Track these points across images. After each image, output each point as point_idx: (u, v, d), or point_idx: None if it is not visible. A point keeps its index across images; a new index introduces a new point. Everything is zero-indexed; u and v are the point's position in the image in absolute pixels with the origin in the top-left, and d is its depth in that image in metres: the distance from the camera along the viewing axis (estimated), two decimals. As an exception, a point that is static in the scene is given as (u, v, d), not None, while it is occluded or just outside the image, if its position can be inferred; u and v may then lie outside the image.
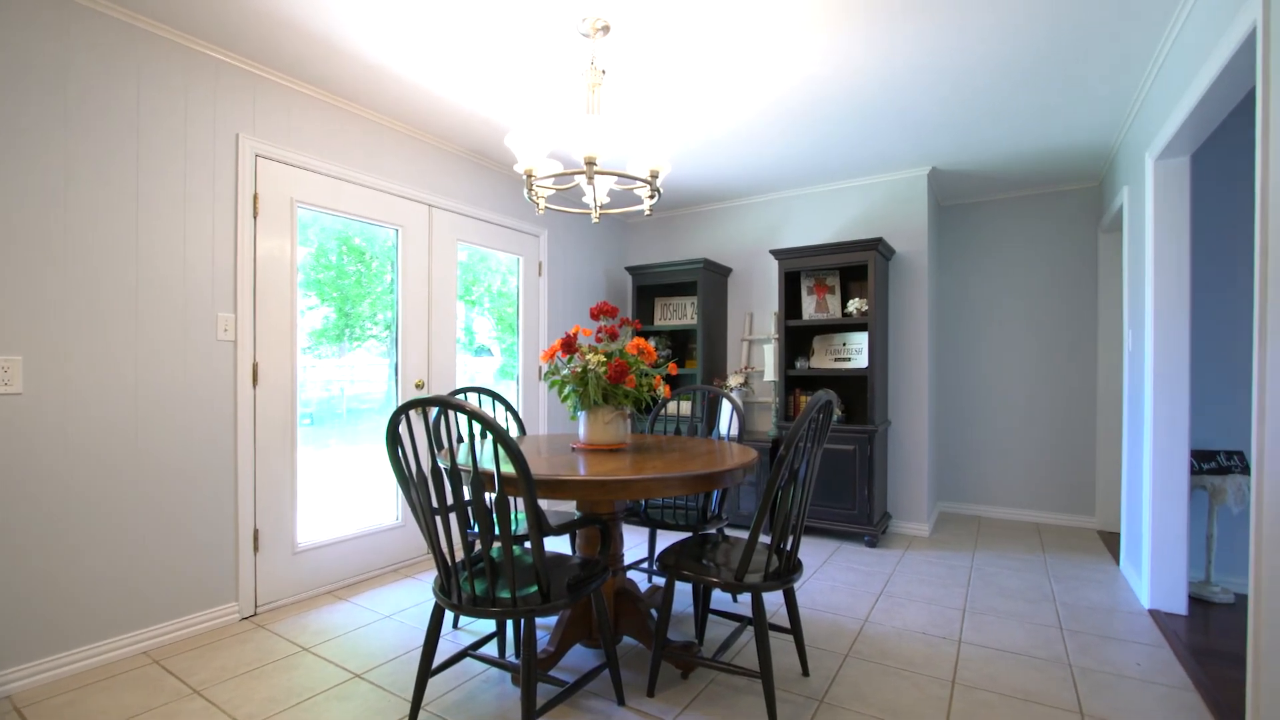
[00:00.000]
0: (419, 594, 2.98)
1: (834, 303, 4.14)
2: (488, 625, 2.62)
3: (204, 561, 2.53)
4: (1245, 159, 3.03)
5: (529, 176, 2.12)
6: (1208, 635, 2.50)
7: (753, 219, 4.74)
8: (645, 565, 3.11)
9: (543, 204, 2.25)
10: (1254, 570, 1.67)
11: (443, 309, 3.59)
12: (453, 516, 3.62)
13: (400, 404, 1.59)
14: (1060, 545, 3.84)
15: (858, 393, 4.18)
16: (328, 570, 3.00)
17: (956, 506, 4.71)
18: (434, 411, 2.78)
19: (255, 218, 2.69)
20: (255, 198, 2.69)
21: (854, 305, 3.93)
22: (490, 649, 2.39)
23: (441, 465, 1.87)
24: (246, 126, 2.65)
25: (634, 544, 3.86)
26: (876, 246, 3.76)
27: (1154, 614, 2.73)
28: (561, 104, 3.02)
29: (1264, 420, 1.64)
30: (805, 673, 2.20)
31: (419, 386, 3.43)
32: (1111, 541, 3.92)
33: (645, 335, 4.90)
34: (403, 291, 3.37)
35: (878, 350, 3.85)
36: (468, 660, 2.28)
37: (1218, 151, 3.09)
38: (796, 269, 4.07)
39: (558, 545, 3.78)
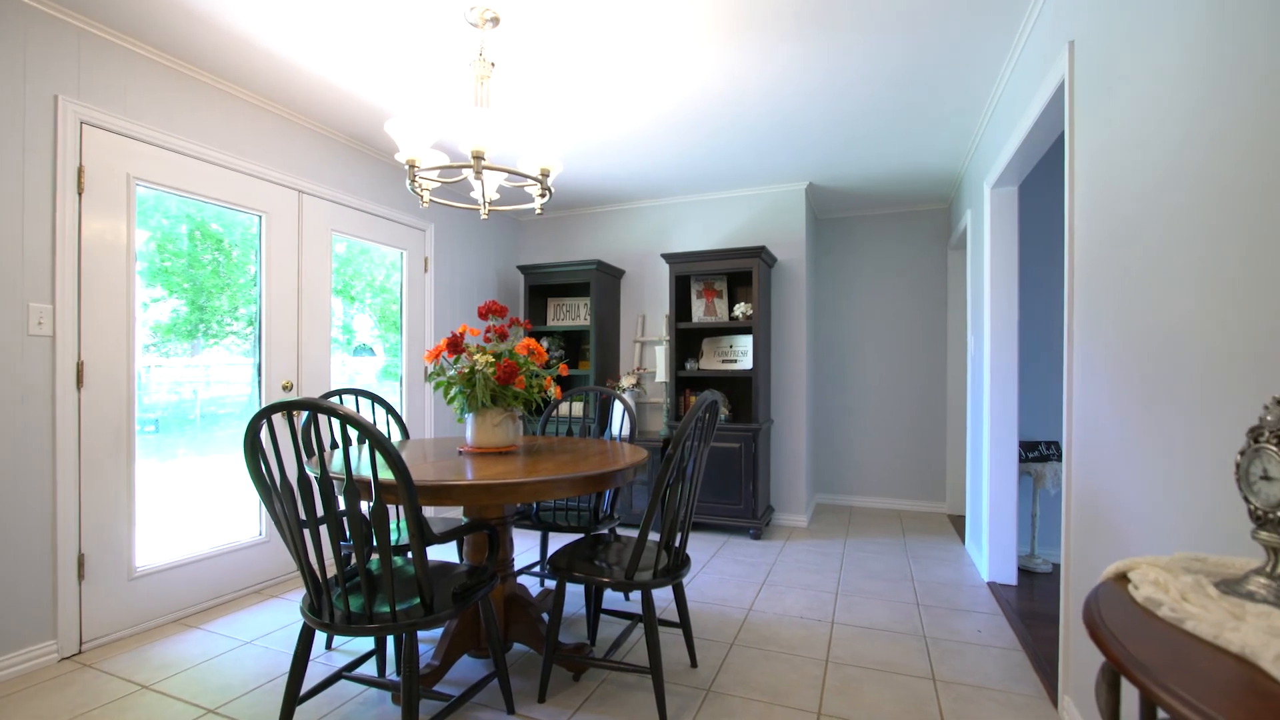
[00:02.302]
0: (287, 615, 2.72)
1: (722, 306, 4.31)
2: (365, 644, 2.46)
3: (8, 596, 2.15)
4: (1062, 189, 3.54)
5: (412, 167, 2.01)
6: (1033, 601, 2.88)
7: (645, 222, 4.83)
8: (537, 569, 3.06)
9: (427, 197, 2.15)
10: (1065, 543, 1.95)
11: (315, 304, 3.32)
12: (325, 529, 3.35)
13: (262, 408, 1.45)
14: (918, 529, 4.26)
15: (743, 393, 4.38)
16: (175, 595, 2.66)
17: (831, 498, 5.09)
18: (303, 416, 2.55)
19: (80, 194, 2.33)
20: (80, 171, 2.33)
21: (740, 309, 4.12)
22: (369, 668, 2.24)
23: (311, 473, 1.72)
24: (68, 88, 2.30)
25: (526, 548, 3.79)
26: (760, 254, 3.97)
27: (991, 586, 3.10)
28: (448, 94, 2.90)
29: (1072, 413, 1.92)
30: (694, 664, 2.27)
31: (287, 389, 3.15)
32: (959, 524, 4.41)
33: (538, 336, 4.83)
34: (268, 284, 3.07)
35: (761, 352, 4.07)
36: (342, 682, 2.12)
37: (1042, 182, 3.58)
38: (687, 273, 4.20)
39: (445, 554, 3.62)
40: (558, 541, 3.92)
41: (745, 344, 4.26)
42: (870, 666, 2.26)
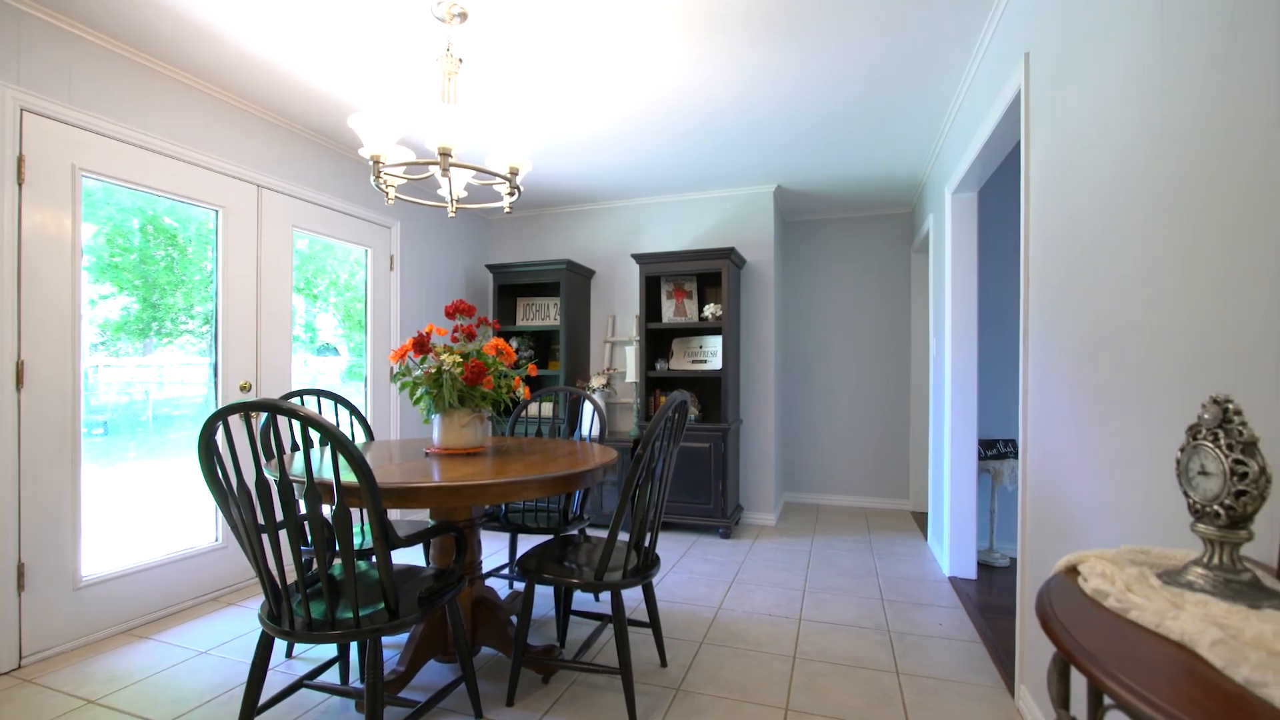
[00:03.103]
0: (245, 623, 2.64)
1: (691, 307, 4.34)
2: (328, 651, 2.40)
3: (-58, 609, 2.03)
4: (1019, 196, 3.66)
5: (376, 163, 1.97)
6: (991, 594, 2.97)
7: (616, 223, 4.82)
8: (506, 571, 3.03)
9: (392, 194, 2.11)
10: (1021, 538, 2.02)
11: (275, 302, 3.22)
12: (284, 534, 3.26)
13: (218, 409, 1.40)
14: (882, 526, 4.36)
15: (713, 393, 4.42)
16: (125, 605, 2.56)
17: (799, 496, 5.16)
18: (262, 417, 2.48)
19: (20, 185, 2.22)
20: (20, 160, 2.22)
21: (710, 310, 4.15)
22: (331, 675, 2.18)
23: (270, 476, 1.67)
24: (7, 73, 2.18)
25: (494, 550, 3.75)
26: (729, 255, 4.00)
27: (952, 580, 3.19)
28: (415, 89, 2.85)
29: (1027, 413, 1.99)
30: (663, 663, 2.27)
31: (245, 389, 3.05)
32: (921, 520, 4.52)
33: (507, 336, 4.78)
34: (225, 281, 2.97)
35: (731, 353, 4.10)
36: (303, 691, 2.07)
37: (1003, 188, 3.69)
38: (657, 274, 4.21)
39: (411, 557, 3.56)
40: (527, 543, 3.89)
41: (715, 344, 4.29)
42: (836, 662, 2.30)
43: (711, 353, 4.30)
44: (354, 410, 2.68)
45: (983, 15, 2.28)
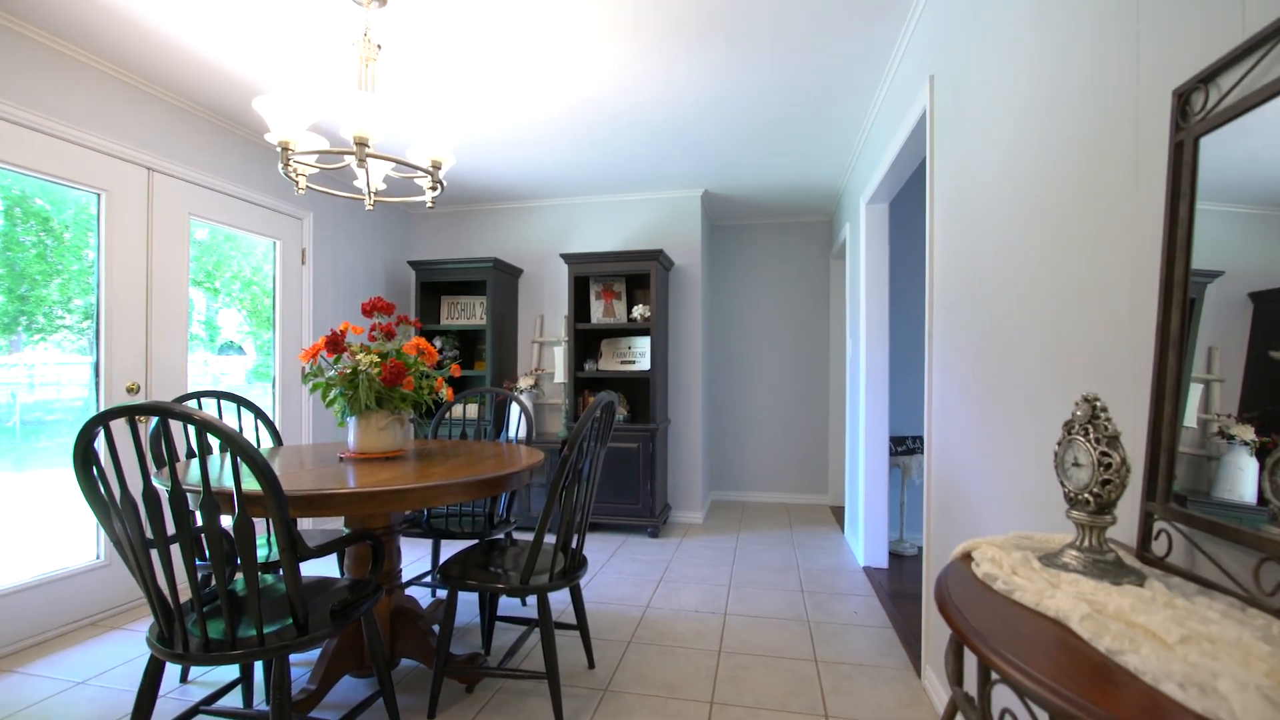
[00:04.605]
0: (132, 648, 2.41)
1: (620, 308, 4.35)
2: (229, 673, 2.23)
3: None
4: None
5: (285, 150, 1.85)
6: (901, 582, 3.16)
7: (544, 222, 4.77)
8: (429, 579, 2.93)
9: (303, 183, 1.99)
10: (926, 528, 2.15)
11: (169, 296, 2.96)
12: (178, 548, 3.00)
13: (97, 413, 1.28)
14: (803, 521, 4.54)
15: (642, 393, 4.45)
16: (-19, 636, 2.27)
17: (726, 494, 5.29)
18: (152, 422, 2.27)
19: None
20: None
21: (638, 311, 4.18)
22: (234, 699, 2.03)
23: (160, 486, 1.53)
24: None
25: (416, 557, 3.61)
26: (658, 257, 4.05)
27: (867, 570, 3.37)
28: (329, 74, 2.71)
29: (931, 411, 2.12)
30: (591, 665, 2.26)
31: (132, 391, 2.78)
32: (839, 514, 4.74)
33: (430, 335, 4.62)
34: (109, 272, 2.70)
35: (659, 354, 4.15)
36: (200, 717, 1.91)
37: (914, 199, 3.93)
38: (586, 274, 4.20)
39: (325, 568, 3.36)
40: (451, 549, 3.77)
41: (643, 345, 4.32)
42: (759, 653, 2.38)
43: (640, 353, 4.33)
44: (260, 413, 2.51)
45: (893, 38, 2.42)
